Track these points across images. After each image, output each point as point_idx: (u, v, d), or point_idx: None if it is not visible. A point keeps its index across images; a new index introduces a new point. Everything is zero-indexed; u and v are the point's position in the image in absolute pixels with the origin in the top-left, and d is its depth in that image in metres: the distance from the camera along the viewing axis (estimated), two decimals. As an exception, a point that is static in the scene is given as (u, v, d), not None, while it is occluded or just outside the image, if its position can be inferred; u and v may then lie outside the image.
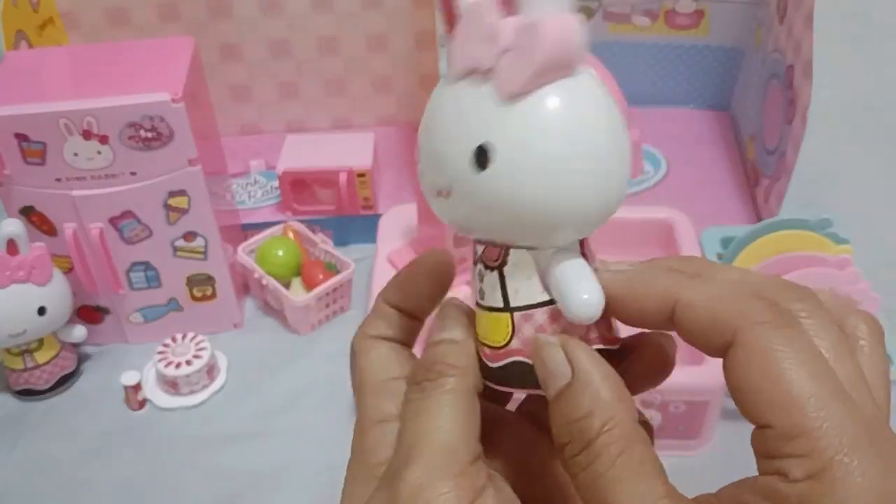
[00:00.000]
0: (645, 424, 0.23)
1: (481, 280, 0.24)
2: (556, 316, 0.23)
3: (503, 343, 0.24)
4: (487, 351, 0.25)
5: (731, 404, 0.21)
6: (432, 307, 0.28)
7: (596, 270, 0.24)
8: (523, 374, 0.24)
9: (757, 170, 0.84)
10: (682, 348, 0.65)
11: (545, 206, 0.21)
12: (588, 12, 0.92)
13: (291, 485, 0.64)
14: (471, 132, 0.21)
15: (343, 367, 0.29)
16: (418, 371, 0.24)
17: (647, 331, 0.26)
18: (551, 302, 0.23)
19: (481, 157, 0.21)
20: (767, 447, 0.19)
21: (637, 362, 0.25)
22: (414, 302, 0.28)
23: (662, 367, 0.26)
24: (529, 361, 0.23)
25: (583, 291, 0.23)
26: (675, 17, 0.92)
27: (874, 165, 0.94)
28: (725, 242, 0.73)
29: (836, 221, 0.67)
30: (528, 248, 0.23)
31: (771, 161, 0.79)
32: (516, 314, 0.24)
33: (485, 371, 0.25)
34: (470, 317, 0.26)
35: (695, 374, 0.62)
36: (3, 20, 0.71)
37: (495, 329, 0.24)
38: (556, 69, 0.21)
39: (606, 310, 0.23)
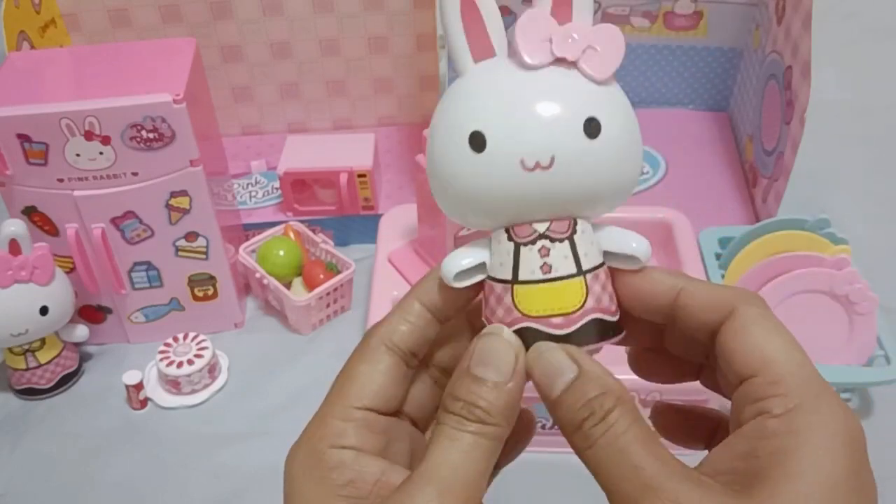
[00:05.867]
0: None
1: (546, 255, 0.26)
2: (608, 272, 0.27)
3: (578, 307, 0.26)
4: (555, 321, 0.26)
5: (729, 403, 0.23)
6: (456, 310, 0.28)
7: None
8: (601, 330, 0.26)
9: (755, 170, 0.84)
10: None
11: (631, 173, 0.26)
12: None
13: (292, 483, 0.64)
14: (577, 108, 0.25)
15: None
16: (455, 403, 0.25)
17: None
18: (602, 263, 0.27)
19: (591, 127, 0.25)
20: (754, 393, 0.23)
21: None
22: (451, 306, 0.28)
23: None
24: (607, 317, 0.26)
25: (640, 238, 0.27)
26: (673, 18, 0.92)
27: (872, 166, 0.94)
28: (724, 243, 0.74)
29: (833, 221, 0.67)
30: (585, 218, 0.26)
31: (769, 161, 0.79)
32: (588, 276, 0.26)
33: (550, 340, 0.26)
34: (518, 353, 0.26)
35: (693, 373, 0.62)
36: (5, 21, 0.72)
37: (567, 296, 0.26)
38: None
39: (611, 286, 0.27)
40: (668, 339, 0.28)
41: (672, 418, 0.30)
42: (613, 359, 0.30)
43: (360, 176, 0.81)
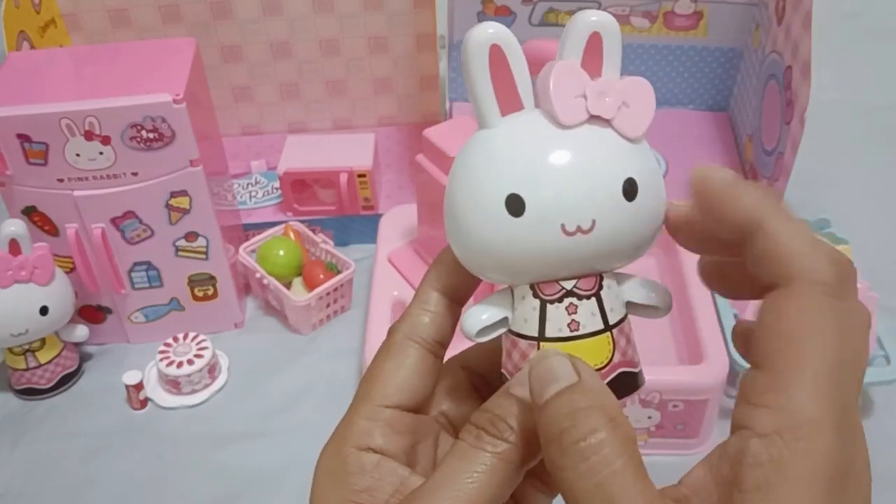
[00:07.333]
0: None
1: (574, 312, 0.25)
2: (630, 324, 0.26)
3: (606, 362, 0.25)
4: None
5: (730, 403, 0.22)
6: (473, 290, 0.28)
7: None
8: (627, 383, 0.26)
9: (755, 170, 0.84)
10: (681, 347, 0.65)
11: (659, 225, 0.26)
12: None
13: (291, 484, 0.64)
14: (616, 170, 0.24)
15: (344, 365, 0.29)
16: (482, 417, 0.24)
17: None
18: (626, 315, 0.26)
19: (630, 189, 0.24)
20: (751, 389, 0.21)
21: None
22: (468, 288, 0.27)
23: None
24: (631, 370, 0.26)
25: (661, 287, 0.27)
26: (673, 18, 0.92)
27: (872, 166, 0.94)
28: (724, 242, 0.73)
29: (834, 221, 0.67)
30: (610, 272, 0.26)
31: (769, 161, 0.79)
32: (614, 330, 0.26)
33: None
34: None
35: (694, 372, 0.62)
36: (5, 21, 0.72)
37: (595, 352, 0.25)
38: None
39: (633, 336, 0.26)
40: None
41: (719, 270, 0.27)
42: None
43: (360, 176, 0.81)
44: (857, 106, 0.99)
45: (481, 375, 0.29)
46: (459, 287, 0.27)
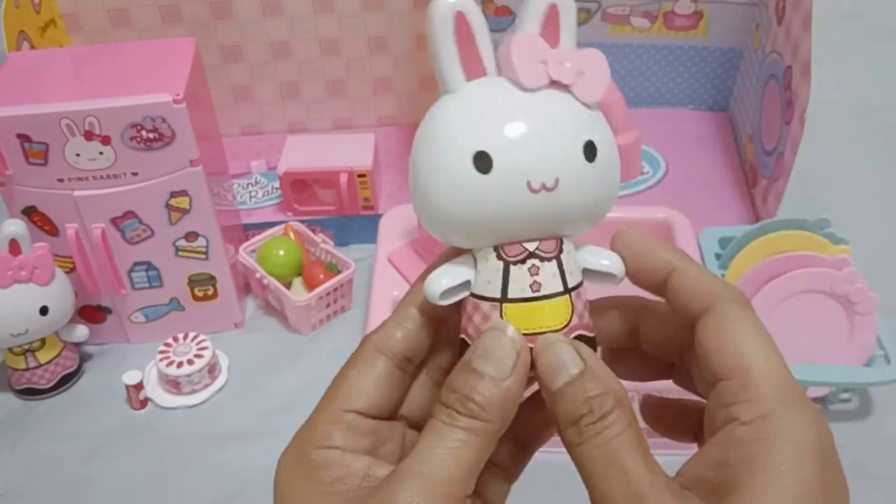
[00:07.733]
0: None
1: (536, 274, 0.26)
2: (585, 290, 0.27)
3: (564, 324, 0.26)
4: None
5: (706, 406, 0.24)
6: (453, 309, 0.28)
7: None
8: (587, 346, 0.26)
9: (755, 170, 0.84)
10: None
11: (615, 193, 0.27)
12: (587, 14, 0.92)
13: (292, 483, 0.64)
14: (576, 132, 0.25)
15: (344, 365, 0.29)
16: (450, 397, 0.25)
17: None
18: (581, 281, 0.27)
19: (590, 150, 0.25)
20: (725, 396, 0.24)
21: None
22: (447, 307, 0.27)
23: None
24: (587, 333, 0.27)
25: (613, 255, 0.28)
26: (673, 18, 0.92)
27: (872, 166, 0.94)
28: (724, 243, 0.74)
29: (833, 221, 0.67)
30: (569, 237, 0.27)
31: (769, 161, 0.79)
32: (573, 293, 0.27)
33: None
34: (521, 351, 0.26)
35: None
36: (5, 21, 0.72)
37: (555, 314, 0.26)
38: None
39: (589, 304, 0.27)
40: (644, 336, 0.29)
41: (660, 410, 0.31)
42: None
43: (360, 176, 0.81)
44: (857, 106, 0.99)
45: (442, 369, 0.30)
46: (439, 307, 0.27)
